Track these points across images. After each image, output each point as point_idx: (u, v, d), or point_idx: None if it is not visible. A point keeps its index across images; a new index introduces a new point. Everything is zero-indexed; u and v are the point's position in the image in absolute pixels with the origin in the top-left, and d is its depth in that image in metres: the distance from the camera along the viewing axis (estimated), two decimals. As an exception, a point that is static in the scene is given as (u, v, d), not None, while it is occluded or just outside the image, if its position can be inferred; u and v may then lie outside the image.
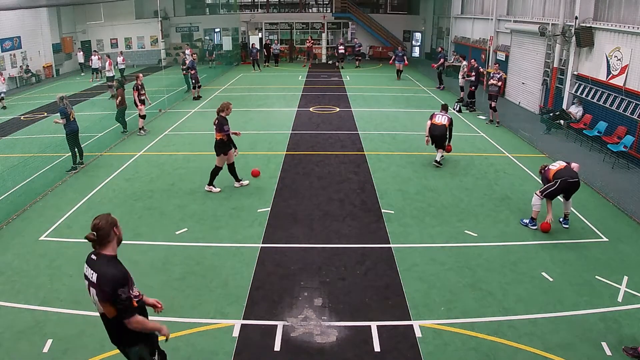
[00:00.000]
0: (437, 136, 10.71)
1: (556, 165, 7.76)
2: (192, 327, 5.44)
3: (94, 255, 3.45)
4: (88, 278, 3.46)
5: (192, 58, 19.17)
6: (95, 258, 3.44)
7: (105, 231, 3.37)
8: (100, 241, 3.39)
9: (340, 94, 19.55)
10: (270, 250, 7.16)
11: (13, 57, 22.24)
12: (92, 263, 3.44)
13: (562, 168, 7.63)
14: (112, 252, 3.46)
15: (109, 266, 3.40)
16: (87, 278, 3.48)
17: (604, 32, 12.43)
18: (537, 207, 7.76)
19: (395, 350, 5.08)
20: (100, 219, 3.37)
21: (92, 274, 3.40)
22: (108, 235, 3.39)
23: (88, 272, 3.46)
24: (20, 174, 10.06)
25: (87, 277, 3.48)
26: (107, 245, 3.43)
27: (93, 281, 3.40)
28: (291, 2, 33.96)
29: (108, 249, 3.44)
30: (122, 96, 13.26)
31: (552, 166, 7.81)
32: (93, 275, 3.39)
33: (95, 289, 3.41)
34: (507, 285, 6.23)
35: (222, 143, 8.97)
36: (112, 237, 3.43)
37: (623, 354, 4.96)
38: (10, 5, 18.82)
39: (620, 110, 11.49)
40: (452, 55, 21.95)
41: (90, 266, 3.44)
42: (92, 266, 3.43)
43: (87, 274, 3.48)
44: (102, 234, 3.36)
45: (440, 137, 10.67)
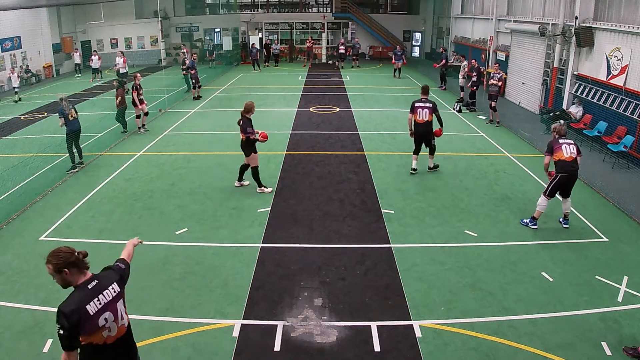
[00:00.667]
0: (422, 134, 9.68)
1: (566, 152, 7.45)
2: (192, 327, 5.44)
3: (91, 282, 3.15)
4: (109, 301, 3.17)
5: (192, 58, 19.18)
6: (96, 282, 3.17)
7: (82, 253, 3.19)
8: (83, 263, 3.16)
9: (340, 94, 19.55)
10: (270, 250, 7.16)
11: (13, 57, 22.24)
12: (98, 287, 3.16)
13: (568, 160, 7.43)
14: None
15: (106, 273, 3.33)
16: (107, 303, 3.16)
17: (604, 32, 12.43)
18: (542, 208, 7.71)
19: (395, 350, 5.08)
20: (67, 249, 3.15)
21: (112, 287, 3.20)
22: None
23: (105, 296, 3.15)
24: (20, 174, 10.06)
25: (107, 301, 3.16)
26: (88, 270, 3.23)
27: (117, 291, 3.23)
28: (291, 2, 33.96)
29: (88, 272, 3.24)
30: (122, 96, 13.26)
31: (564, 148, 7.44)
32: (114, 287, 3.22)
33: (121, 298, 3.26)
34: (507, 285, 6.23)
35: (248, 142, 8.89)
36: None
37: (623, 354, 4.96)
38: (10, 5, 18.82)
39: (620, 110, 11.49)
40: (452, 55, 21.96)
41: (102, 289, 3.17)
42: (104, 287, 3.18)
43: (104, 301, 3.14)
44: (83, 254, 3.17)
45: (425, 134, 9.67)
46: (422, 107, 9.54)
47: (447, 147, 12.14)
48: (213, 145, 12.50)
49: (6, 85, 21.85)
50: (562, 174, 7.49)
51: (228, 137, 13.21)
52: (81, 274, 3.13)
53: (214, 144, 12.61)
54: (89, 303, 3.06)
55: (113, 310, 3.19)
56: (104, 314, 3.13)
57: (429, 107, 9.51)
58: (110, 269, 3.41)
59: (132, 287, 6.22)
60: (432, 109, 9.51)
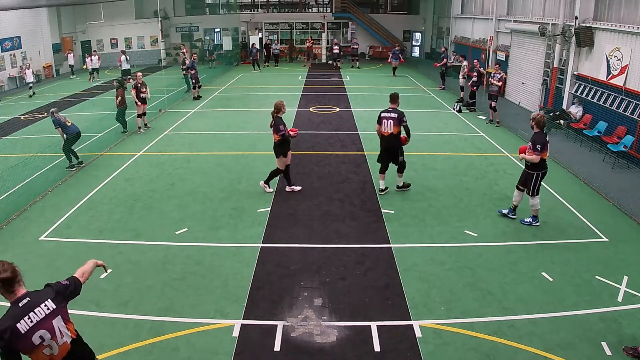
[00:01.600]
0: (387, 149, 8.66)
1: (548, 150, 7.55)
2: (192, 327, 5.44)
3: (22, 299, 3.08)
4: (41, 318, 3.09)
5: (192, 58, 19.18)
6: (28, 299, 3.09)
7: (13, 271, 3.10)
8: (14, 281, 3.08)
9: (340, 94, 19.55)
10: (270, 250, 7.16)
11: (13, 57, 22.24)
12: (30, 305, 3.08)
13: (545, 158, 7.52)
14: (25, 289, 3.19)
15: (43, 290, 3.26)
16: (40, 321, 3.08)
17: (604, 32, 12.44)
18: (537, 205, 7.77)
19: (395, 350, 5.08)
20: (4, 264, 3.09)
21: (45, 305, 3.11)
22: (17, 275, 3.13)
23: (37, 313, 3.08)
24: (20, 174, 10.06)
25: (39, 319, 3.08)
26: (21, 285, 3.16)
27: (52, 308, 3.15)
28: (291, 2, 33.95)
29: (22, 289, 3.16)
30: (122, 96, 13.26)
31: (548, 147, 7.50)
32: (47, 304, 3.13)
33: (59, 313, 3.19)
34: (507, 285, 6.23)
35: (280, 144, 8.65)
36: (20, 277, 3.17)
37: (623, 354, 4.96)
38: (10, 5, 18.81)
39: (620, 110, 11.49)
40: (452, 55, 21.97)
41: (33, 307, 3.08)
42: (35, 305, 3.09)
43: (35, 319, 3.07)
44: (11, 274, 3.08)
45: (392, 151, 8.63)
46: (387, 118, 8.51)
47: (447, 147, 12.15)
48: (213, 145, 12.50)
49: (6, 85, 21.87)
50: (544, 172, 7.64)
51: (228, 137, 13.22)
52: (10, 292, 3.07)
53: (214, 144, 12.61)
54: (19, 321, 3.00)
55: (49, 328, 3.11)
56: (38, 332, 3.07)
57: (393, 118, 8.43)
58: (49, 285, 3.31)
59: (132, 287, 6.27)
60: (397, 120, 8.44)
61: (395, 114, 8.51)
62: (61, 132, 10.56)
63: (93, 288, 6.06)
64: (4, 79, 21.81)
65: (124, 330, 5.30)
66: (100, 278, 6.39)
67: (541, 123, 7.58)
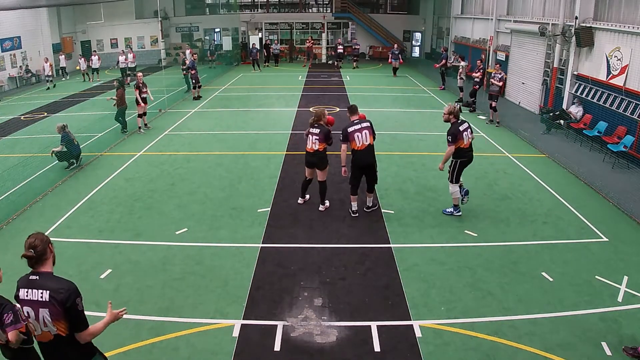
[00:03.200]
0: (365, 166, 7.88)
1: (466, 139, 7.82)
2: (192, 327, 5.44)
3: (34, 275, 3.27)
4: (34, 300, 3.24)
5: (192, 58, 19.18)
6: (36, 278, 3.26)
7: (41, 248, 3.27)
8: (38, 258, 3.27)
9: (340, 94, 19.55)
10: (270, 250, 7.16)
11: (13, 57, 22.24)
12: (34, 283, 3.25)
13: (466, 147, 7.87)
14: (50, 269, 3.34)
15: (59, 280, 3.30)
16: (32, 301, 3.25)
17: (604, 32, 12.43)
18: (457, 194, 8.04)
19: (395, 350, 5.08)
20: (35, 237, 3.28)
21: (41, 293, 3.22)
22: (45, 253, 3.29)
23: (32, 293, 3.24)
24: (20, 174, 10.06)
25: (32, 299, 3.24)
26: (45, 263, 3.31)
27: (45, 300, 3.21)
28: (291, 2, 33.96)
29: (46, 267, 3.31)
30: (122, 96, 13.24)
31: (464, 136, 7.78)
32: (43, 294, 3.21)
33: (47, 307, 3.22)
34: (507, 285, 6.23)
35: (325, 154, 8.01)
36: (49, 254, 3.33)
37: (623, 354, 4.96)
38: (10, 5, 18.82)
39: (620, 110, 11.49)
40: (452, 55, 21.96)
41: (35, 287, 3.24)
42: (37, 286, 3.24)
43: (29, 297, 3.25)
44: (40, 251, 3.26)
45: (370, 165, 7.92)
46: (361, 130, 7.70)
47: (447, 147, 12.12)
48: (213, 145, 12.50)
49: (6, 85, 21.87)
50: (462, 160, 7.89)
51: (228, 137, 13.22)
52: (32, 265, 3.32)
53: (214, 144, 12.61)
54: (22, 289, 3.33)
55: (35, 310, 3.27)
56: (27, 307, 3.30)
57: (367, 127, 7.75)
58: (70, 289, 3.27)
59: (132, 287, 6.27)
60: (371, 129, 7.82)
61: (367, 122, 7.81)
62: (62, 147, 10.52)
63: (93, 288, 6.06)
64: (4, 79, 21.80)
65: (124, 330, 5.29)
66: (100, 278, 6.40)
67: (455, 113, 7.82)
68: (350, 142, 7.77)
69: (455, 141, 7.67)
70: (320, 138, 7.88)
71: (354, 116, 7.89)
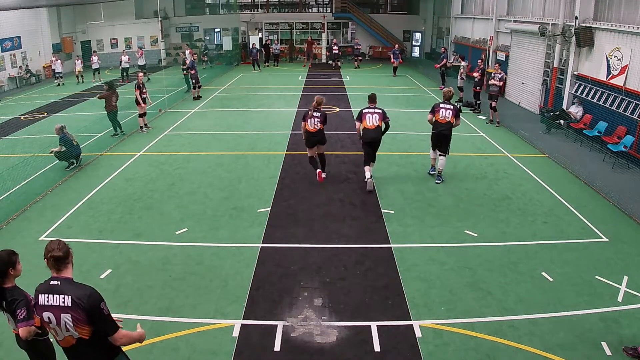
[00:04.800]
0: (374, 143, 9.33)
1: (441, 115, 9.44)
2: (192, 327, 5.44)
3: (55, 280, 3.29)
4: (55, 305, 3.24)
5: (192, 58, 19.18)
6: (58, 283, 3.28)
7: (66, 251, 3.32)
8: (64, 258, 3.31)
9: (340, 94, 19.55)
10: (270, 250, 7.16)
11: (13, 57, 22.24)
12: (55, 289, 3.26)
13: (442, 122, 9.43)
14: (71, 275, 3.37)
15: (80, 286, 3.32)
16: (52, 306, 3.24)
17: (604, 32, 12.44)
18: (433, 155, 9.90)
19: (395, 350, 5.08)
20: (56, 242, 3.33)
21: (63, 298, 3.22)
22: (68, 256, 3.34)
23: (53, 299, 3.24)
24: (20, 174, 10.06)
25: (53, 305, 3.24)
26: (67, 268, 3.34)
27: (67, 305, 3.22)
28: (291, 2, 33.96)
29: (67, 272, 3.34)
30: (108, 98, 12.76)
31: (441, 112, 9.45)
32: (65, 299, 3.22)
33: (69, 313, 3.23)
34: (507, 285, 6.23)
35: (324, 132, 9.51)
36: (70, 259, 3.37)
37: (623, 354, 4.96)
38: (10, 5, 18.82)
39: (620, 110, 11.49)
40: (452, 55, 21.95)
41: (56, 292, 3.25)
42: (58, 291, 3.25)
43: (50, 302, 3.25)
44: (65, 252, 3.31)
45: (376, 142, 9.36)
46: (372, 113, 9.33)
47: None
48: (213, 145, 12.50)
49: (6, 85, 21.87)
50: (433, 132, 9.64)
51: (228, 137, 13.22)
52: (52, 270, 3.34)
53: (214, 144, 12.61)
54: (42, 294, 3.30)
55: (56, 315, 3.25)
56: (48, 313, 3.28)
57: (379, 113, 9.35)
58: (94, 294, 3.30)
59: (132, 287, 6.27)
60: (382, 115, 9.34)
61: (380, 109, 9.44)
62: (61, 147, 10.51)
63: (93, 288, 6.06)
64: (4, 79, 21.80)
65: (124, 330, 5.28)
66: (100, 278, 6.40)
67: (446, 96, 9.61)
68: (363, 121, 9.35)
69: (433, 113, 9.57)
70: (321, 120, 9.33)
71: (371, 103, 9.58)
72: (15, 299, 3.66)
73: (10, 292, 3.68)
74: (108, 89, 13.01)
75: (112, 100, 12.86)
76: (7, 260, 3.68)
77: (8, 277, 3.69)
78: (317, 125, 9.30)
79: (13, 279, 3.74)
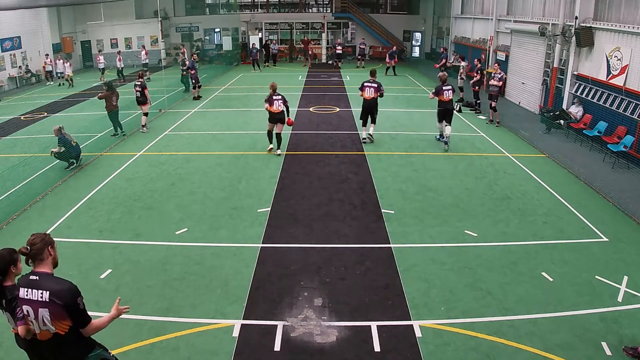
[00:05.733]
0: (369, 108, 12.34)
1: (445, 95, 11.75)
2: (192, 327, 5.44)
3: (34, 275, 3.34)
4: (33, 300, 3.29)
5: (193, 58, 19.18)
6: (36, 278, 3.32)
7: (38, 247, 3.34)
8: (33, 257, 3.34)
9: (340, 94, 19.55)
10: (270, 250, 7.16)
11: (13, 57, 22.23)
12: (34, 284, 3.31)
13: (446, 100, 11.79)
14: (50, 270, 3.40)
15: (59, 281, 3.35)
16: (31, 300, 3.30)
17: (604, 32, 12.43)
18: (439, 127, 12.34)
19: (395, 350, 5.08)
20: (36, 236, 3.37)
21: (41, 293, 3.28)
22: (42, 253, 3.35)
23: (32, 293, 3.29)
24: (20, 174, 10.06)
25: (32, 299, 3.29)
26: (43, 263, 3.37)
27: (45, 300, 3.27)
28: (291, 2, 33.95)
29: (45, 267, 3.37)
30: (107, 99, 12.80)
31: (444, 94, 11.75)
32: (43, 294, 3.27)
33: (47, 307, 3.29)
34: (507, 285, 6.23)
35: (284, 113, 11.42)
36: (47, 255, 3.38)
37: (623, 354, 4.96)
38: (10, 5, 18.82)
39: (620, 110, 11.49)
40: (452, 55, 21.94)
41: (34, 287, 3.30)
42: (36, 286, 3.29)
43: (29, 297, 3.30)
44: (36, 249, 3.33)
45: (371, 109, 12.30)
46: (369, 86, 12.09)
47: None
48: (213, 145, 12.50)
49: (6, 85, 21.87)
50: (439, 109, 12.04)
51: (228, 137, 13.22)
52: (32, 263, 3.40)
53: (214, 144, 12.61)
54: (21, 288, 3.36)
55: (34, 309, 3.32)
56: (26, 306, 3.34)
57: (374, 87, 12.07)
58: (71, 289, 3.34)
59: (132, 287, 6.27)
60: (376, 88, 12.09)
61: (376, 84, 12.12)
62: (60, 148, 10.50)
63: (93, 288, 6.07)
64: (4, 79, 21.79)
65: (124, 330, 5.30)
66: (100, 278, 6.40)
67: (442, 79, 11.94)
68: (363, 92, 12.14)
69: (437, 94, 11.86)
70: (283, 102, 11.27)
71: (372, 77, 12.30)
72: (15, 297, 3.66)
73: (10, 291, 3.69)
74: (108, 89, 13.02)
75: (112, 100, 12.90)
76: (9, 259, 3.69)
77: (9, 275, 3.70)
78: (280, 106, 11.24)
79: (14, 277, 3.75)
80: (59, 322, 3.34)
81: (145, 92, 13.60)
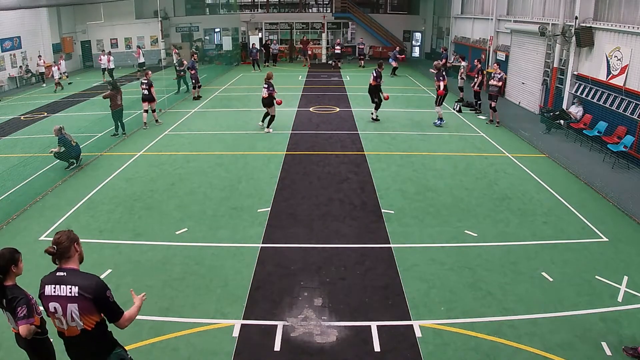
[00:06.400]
0: (369, 93, 14.89)
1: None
2: (192, 327, 5.44)
3: (60, 271, 3.35)
4: (62, 296, 3.29)
5: (193, 58, 19.18)
6: (64, 274, 3.33)
7: (65, 246, 3.35)
8: (60, 255, 3.35)
9: (340, 94, 19.55)
10: (270, 250, 7.16)
11: (13, 57, 22.22)
12: (62, 279, 3.32)
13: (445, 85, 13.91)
14: (76, 266, 3.42)
15: (87, 276, 3.36)
16: (59, 296, 3.30)
17: (604, 32, 12.43)
18: (440, 112, 14.24)
19: (395, 350, 5.08)
20: (62, 234, 3.38)
21: (70, 288, 3.28)
22: (69, 250, 3.36)
23: (60, 289, 3.30)
24: (20, 174, 10.06)
25: (60, 295, 3.29)
26: (69, 260, 3.38)
27: (74, 295, 3.28)
28: (291, 2, 33.96)
29: (72, 264, 3.39)
30: (112, 98, 12.95)
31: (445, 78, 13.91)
32: (72, 289, 3.28)
33: (76, 302, 3.29)
34: (507, 285, 6.23)
35: (270, 99, 13.21)
36: (73, 252, 3.39)
37: (623, 354, 4.96)
38: (10, 5, 18.82)
39: (620, 110, 11.49)
40: (452, 55, 21.93)
41: (63, 282, 3.31)
42: (65, 282, 3.30)
43: (57, 293, 3.30)
44: (62, 248, 3.34)
45: (371, 93, 14.75)
46: (371, 74, 14.68)
47: (447, 147, 12.15)
48: (213, 145, 12.50)
49: (6, 85, 21.86)
50: (444, 93, 14.09)
51: (228, 137, 13.22)
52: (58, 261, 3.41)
53: (214, 144, 12.61)
54: (47, 285, 3.36)
55: (62, 305, 3.33)
56: (54, 303, 3.33)
57: (374, 76, 14.46)
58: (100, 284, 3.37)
59: (132, 287, 6.23)
60: (374, 77, 14.46)
61: (375, 73, 14.51)
62: (60, 148, 10.51)
63: (93, 288, 6.06)
64: (4, 79, 21.79)
65: (124, 330, 5.28)
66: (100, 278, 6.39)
67: (438, 67, 14.24)
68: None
69: (440, 81, 13.93)
70: (270, 90, 13.04)
71: (378, 68, 14.70)
72: (15, 296, 3.67)
73: (10, 290, 3.69)
74: (112, 89, 13.21)
75: (117, 99, 13.07)
76: (10, 258, 3.69)
77: (10, 274, 3.70)
78: (264, 93, 13.13)
79: (14, 277, 3.76)
80: (88, 317, 3.36)
81: (151, 90, 14.00)
